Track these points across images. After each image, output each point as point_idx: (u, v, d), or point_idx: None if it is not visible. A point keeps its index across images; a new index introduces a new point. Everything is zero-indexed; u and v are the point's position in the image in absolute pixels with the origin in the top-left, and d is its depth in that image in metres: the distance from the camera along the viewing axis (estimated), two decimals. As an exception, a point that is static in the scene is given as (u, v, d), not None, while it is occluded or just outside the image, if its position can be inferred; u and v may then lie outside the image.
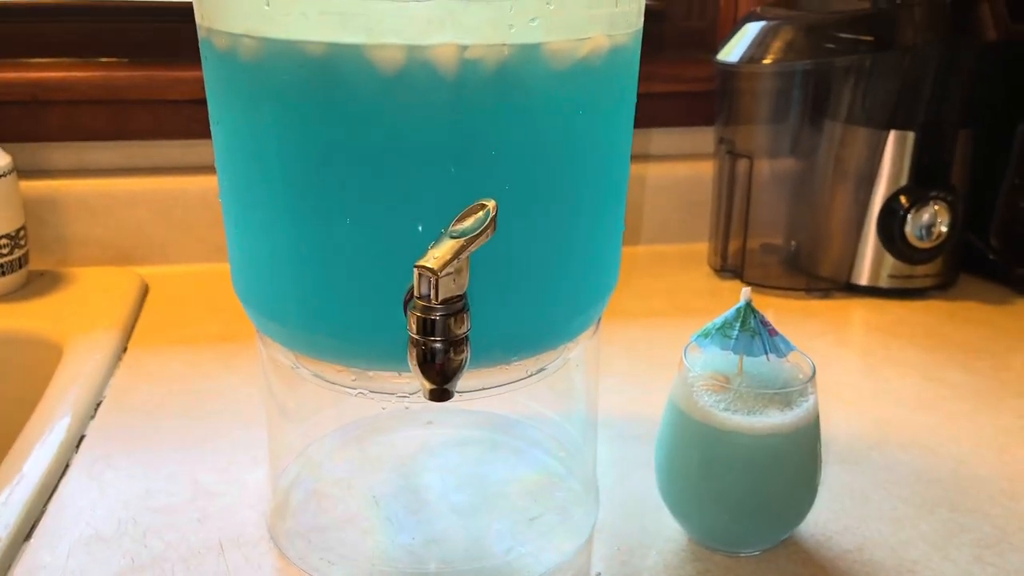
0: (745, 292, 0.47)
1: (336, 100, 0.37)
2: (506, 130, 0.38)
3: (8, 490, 0.51)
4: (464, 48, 0.36)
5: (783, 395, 0.46)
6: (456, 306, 0.34)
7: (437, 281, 0.33)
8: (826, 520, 0.52)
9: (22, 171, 0.83)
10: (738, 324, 0.47)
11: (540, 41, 0.37)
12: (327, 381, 0.44)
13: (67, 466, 0.55)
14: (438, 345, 0.34)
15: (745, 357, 0.47)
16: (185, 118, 0.84)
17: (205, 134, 0.83)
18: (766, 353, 0.46)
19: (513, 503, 0.53)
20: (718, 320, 0.48)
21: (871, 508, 0.53)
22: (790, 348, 0.47)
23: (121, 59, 0.85)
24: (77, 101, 0.81)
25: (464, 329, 0.34)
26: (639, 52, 0.44)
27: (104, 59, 0.85)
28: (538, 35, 0.37)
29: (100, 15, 0.85)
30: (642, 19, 0.42)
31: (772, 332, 0.47)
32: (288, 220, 0.40)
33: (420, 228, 0.38)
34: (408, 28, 0.35)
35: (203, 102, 0.83)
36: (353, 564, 0.47)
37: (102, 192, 0.83)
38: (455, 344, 0.34)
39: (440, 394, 0.35)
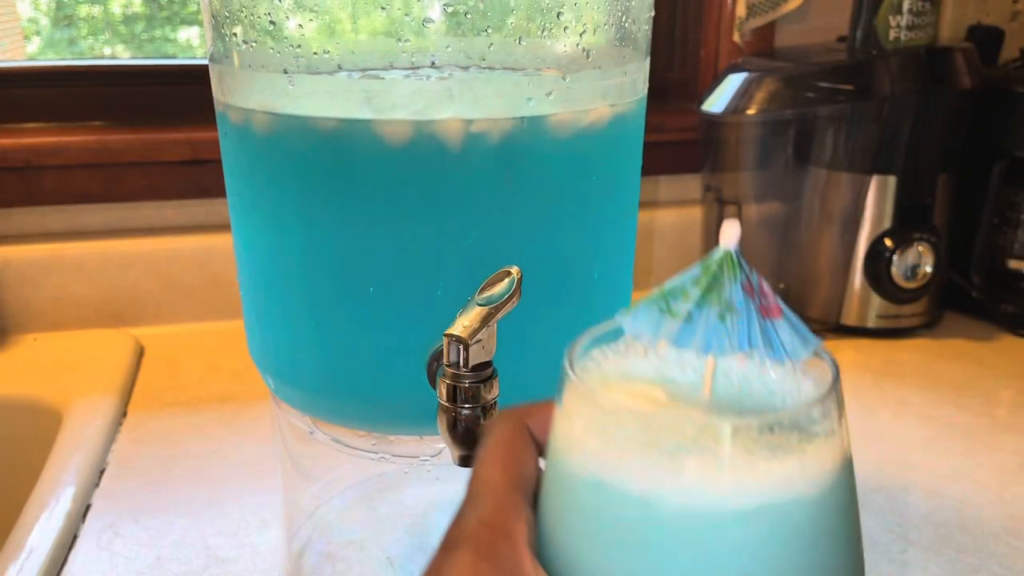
0: (729, 232, 0.26)
1: (347, 172, 0.38)
2: (512, 197, 0.39)
3: (18, 565, 0.50)
4: (470, 122, 0.37)
5: (791, 428, 0.25)
6: (485, 373, 0.35)
7: (467, 349, 0.34)
8: (837, 565, 0.52)
9: (15, 236, 0.83)
10: (704, 291, 0.25)
11: (547, 113, 0.38)
12: (346, 446, 0.44)
13: (75, 537, 0.55)
14: (467, 411, 0.35)
15: (716, 358, 0.26)
16: (178, 178, 0.84)
17: (198, 194, 0.85)
18: (754, 347, 0.25)
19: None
20: (671, 282, 0.26)
21: (880, 552, 0.54)
22: (808, 341, 0.26)
23: (114, 122, 0.86)
24: (71, 165, 0.81)
25: (494, 395, 0.35)
26: (643, 116, 0.45)
27: (97, 122, 0.86)
28: (546, 108, 0.38)
29: (92, 80, 0.86)
30: (647, 86, 0.44)
31: (770, 309, 0.26)
32: (306, 288, 0.41)
33: (439, 292, 0.38)
34: (416, 103, 0.37)
35: (196, 162, 0.84)
36: (373, 628, 0.46)
37: (96, 253, 0.83)
38: (485, 410, 0.35)
39: (469, 460, 0.35)
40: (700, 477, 0.24)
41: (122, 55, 0.98)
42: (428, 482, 0.60)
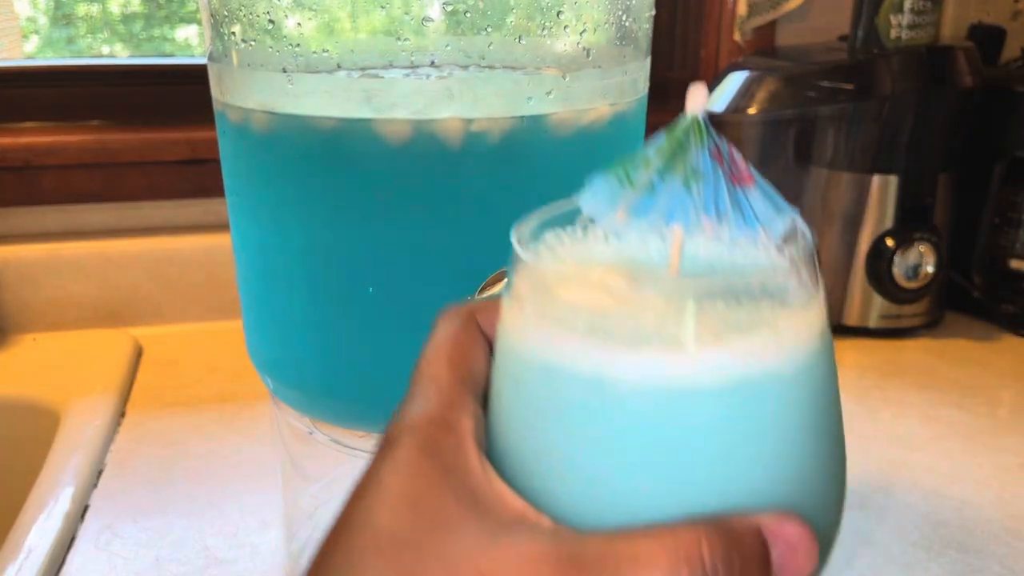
0: (696, 96, 0.24)
1: (347, 172, 0.38)
2: (512, 197, 0.38)
3: (16, 565, 0.50)
4: (469, 121, 0.37)
5: (760, 298, 0.23)
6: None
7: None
8: (839, 568, 0.52)
9: (14, 236, 0.83)
10: (668, 159, 0.24)
11: (547, 113, 0.38)
12: (346, 446, 0.44)
13: (73, 538, 0.54)
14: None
15: (681, 228, 0.24)
16: (177, 178, 0.84)
17: (198, 194, 0.85)
18: (722, 214, 0.23)
19: None
20: (632, 153, 0.24)
21: (881, 552, 0.53)
22: (782, 210, 0.24)
23: (112, 122, 0.86)
24: (69, 165, 0.81)
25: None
26: (644, 115, 0.45)
27: (96, 122, 0.86)
28: (546, 107, 0.38)
29: (91, 79, 0.86)
30: (647, 85, 0.44)
31: (741, 177, 0.24)
32: (305, 288, 0.41)
33: (439, 292, 0.38)
34: (416, 102, 0.36)
35: (195, 162, 0.84)
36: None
37: (95, 253, 0.83)
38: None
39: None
40: (660, 355, 0.22)
41: (120, 54, 0.98)
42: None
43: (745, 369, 0.22)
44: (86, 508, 0.57)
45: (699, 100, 0.24)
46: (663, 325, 0.22)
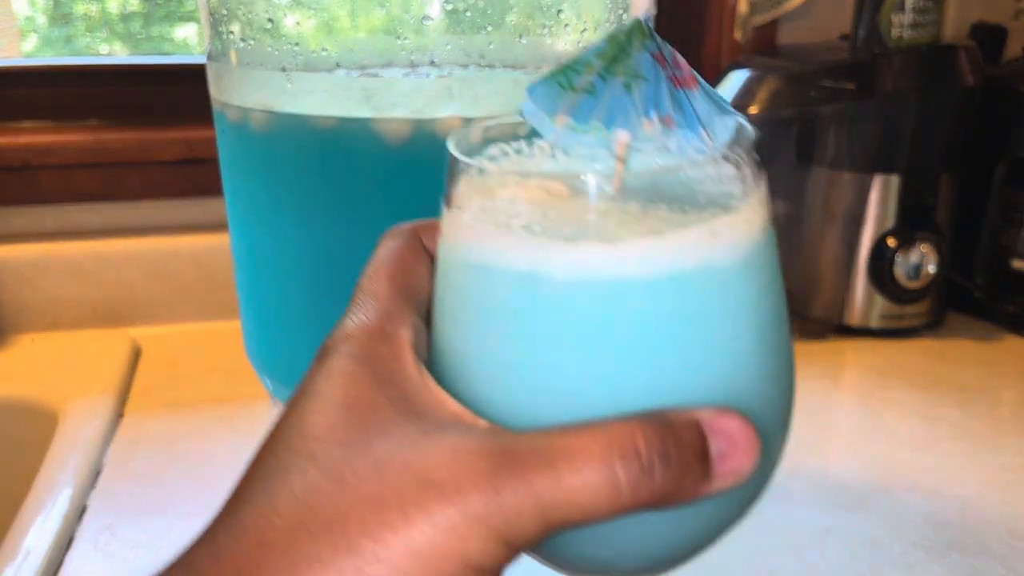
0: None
1: (346, 171, 0.38)
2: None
3: (14, 567, 0.50)
4: (470, 121, 0.36)
5: (706, 203, 0.24)
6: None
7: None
8: (840, 569, 0.52)
9: (12, 235, 0.82)
10: (609, 61, 0.23)
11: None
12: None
13: (72, 539, 0.54)
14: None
15: (625, 131, 0.24)
16: (176, 178, 0.84)
17: (196, 193, 0.84)
18: (662, 114, 0.23)
19: (527, 559, 0.52)
20: (574, 57, 0.24)
21: (882, 553, 0.53)
22: (726, 112, 0.24)
23: (111, 121, 0.85)
24: (68, 165, 0.81)
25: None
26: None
27: (94, 121, 0.85)
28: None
29: (89, 79, 0.85)
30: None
31: (684, 80, 0.24)
32: (304, 288, 0.40)
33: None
34: (416, 101, 0.36)
35: (193, 161, 0.84)
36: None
37: (93, 253, 0.83)
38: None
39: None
40: (593, 249, 0.22)
41: (119, 53, 0.97)
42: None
43: (679, 263, 0.22)
44: (84, 509, 0.57)
45: (643, 3, 0.24)
46: (599, 221, 0.23)
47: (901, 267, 0.79)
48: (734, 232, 0.23)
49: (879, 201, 0.79)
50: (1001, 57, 0.88)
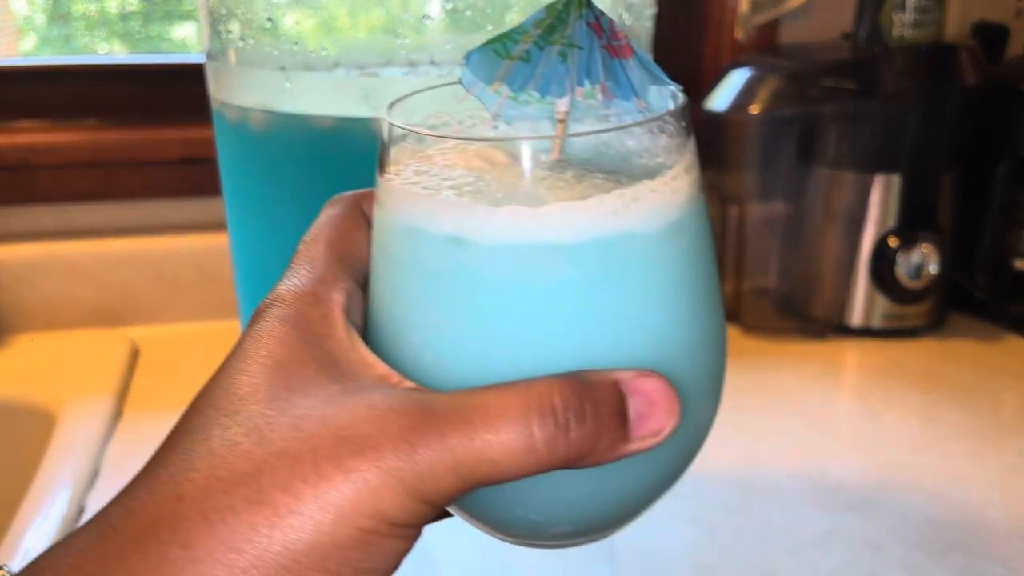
0: None
1: (345, 170, 0.38)
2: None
3: (13, 568, 0.50)
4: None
5: (637, 169, 0.24)
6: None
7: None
8: (840, 569, 0.52)
9: (10, 235, 0.82)
10: (546, 30, 0.24)
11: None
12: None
13: (70, 541, 0.54)
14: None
15: (566, 103, 0.24)
16: (174, 177, 0.83)
17: (195, 193, 0.84)
18: (594, 82, 0.24)
19: (527, 564, 0.52)
20: (514, 26, 0.24)
21: (885, 554, 0.53)
22: (660, 81, 0.25)
23: (109, 121, 0.85)
24: (66, 164, 0.81)
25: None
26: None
27: (92, 121, 0.85)
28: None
29: (88, 78, 0.85)
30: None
31: (620, 49, 0.24)
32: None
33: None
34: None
35: (192, 161, 0.83)
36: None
37: (91, 253, 0.82)
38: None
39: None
40: (517, 212, 0.22)
41: (118, 52, 0.97)
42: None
43: (600, 227, 0.23)
44: (83, 509, 0.57)
45: None
46: (530, 188, 0.23)
47: (902, 267, 0.79)
48: (657, 198, 0.23)
49: (880, 201, 0.79)
50: (1002, 56, 0.88)
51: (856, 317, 0.82)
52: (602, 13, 0.24)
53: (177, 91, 0.85)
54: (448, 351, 0.24)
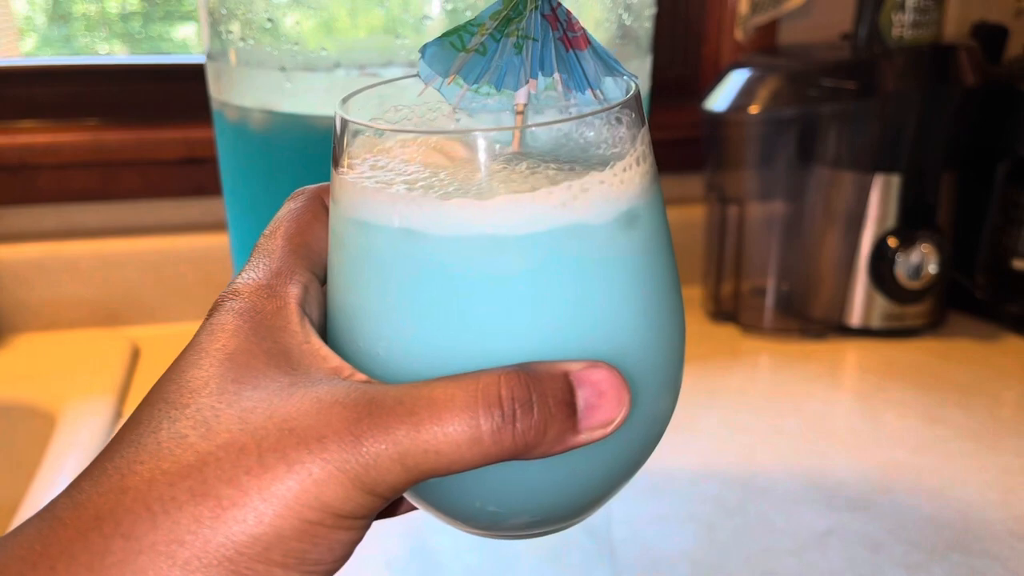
0: None
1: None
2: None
3: (11, 569, 0.50)
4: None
5: (592, 163, 0.24)
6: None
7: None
8: (841, 569, 0.52)
9: (10, 235, 0.82)
10: (502, 22, 0.24)
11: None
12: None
13: (70, 541, 0.54)
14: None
15: (524, 95, 0.24)
16: (174, 177, 0.83)
17: (195, 193, 0.84)
18: (547, 74, 0.24)
19: (527, 564, 0.52)
20: (472, 18, 0.24)
21: (884, 554, 0.53)
22: (616, 72, 0.25)
23: (109, 120, 0.85)
24: (66, 164, 0.81)
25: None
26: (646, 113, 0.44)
27: (93, 121, 0.85)
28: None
29: (88, 78, 0.85)
30: (649, 83, 0.43)
31: (576, 41, 0.24)
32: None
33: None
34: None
35: (192, 161, 0.83)
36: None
37: (91, 253, 0.82)
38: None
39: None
40: (465, 205, 0.23)
41: (118, 53, 0.97)
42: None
43: (547, 219, 0.23)
44: (83, 510, 0.57)
45: None
46: (483, 180, 0.23)
47: (902, 267, 0.79)
48: (606, 189, 0.23)
49: (880, 201, 0.79)
50: (1002, 56, 0.88)
51: (856, 317, 0.82)
52: (559, 4, 0.24)
53: (177, 91, 0.85)
54: (401, 343, 0.24)
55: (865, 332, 0.82)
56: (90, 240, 0.83)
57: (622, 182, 0.24)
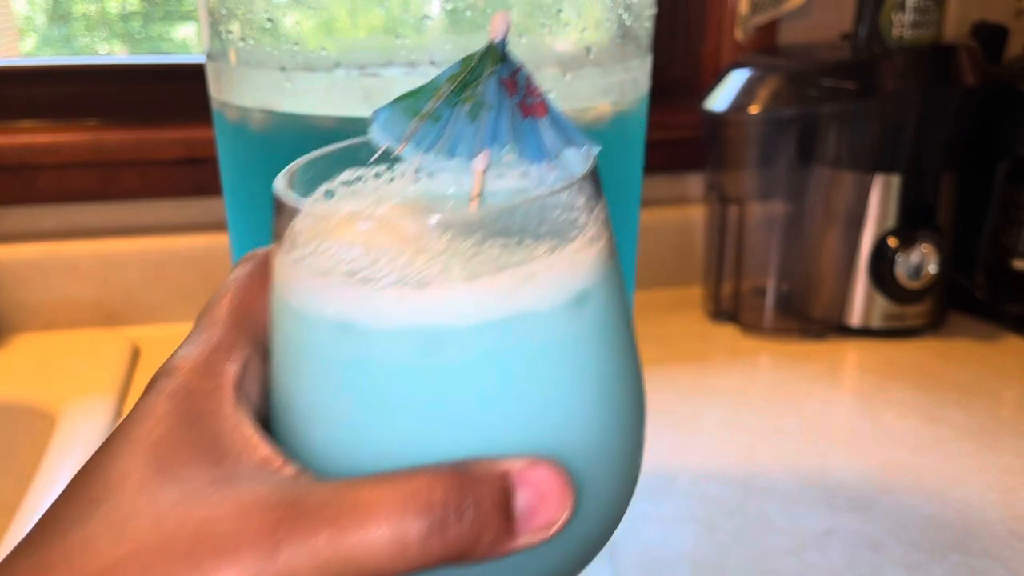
0: (498, 22, 0.23)
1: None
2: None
3: (11, 569, 0.50)
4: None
5: (543, 241, 0.23)
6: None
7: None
8: (840, 570, 0.52)
9: (10, 235, 0.82)
10: (458, 87, 0.23)
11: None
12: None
13: (70, 541, 0.54)
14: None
15: (482, 164, 0.23)
16: (174, 177, 0.83)
17: (195, 193, 0.84)
18: (500, 144, 0.23)
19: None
20: (427, 81, 0.24)
21: (884, 554, 0.53)
22: (575, 141, 0.24)
23: (109, 120, 0.85)
24: (66, 164, 0.81)
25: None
26: (645, 114, 0.44)
27: (92, 121, 0.85)
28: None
29: (88, 78, 0.85)
30: (649, 83, 0.43)
31: (533, 107, 0.23)
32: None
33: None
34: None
35: (192, 161, 0.83)
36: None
37: (91, 253, 0.82)
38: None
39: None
40: (404, 295, 0.21)
41: (118, 53, 0.97)
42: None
43: (491, 309, 0.21)
44: (83, 510, 0.57)
45: (500, 27, 0.23)
46: (426, 264, 0.21)
47: (902, 267, 0.79)
48: (555, 275, 0.22)
49: (880, 201, 0.79)
50: (1002, 56, 0.88)
51: (856, 317, 0.82)
52: (519, 67, 0.23)
53: (177, 91, 0.85)
54: (337, 434, 0.23)
55: (865, 332, 0.82)
56: (90, 240, 0.83)
57: (572, 264, 0.22)
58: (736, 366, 0.78)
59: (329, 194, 0.26)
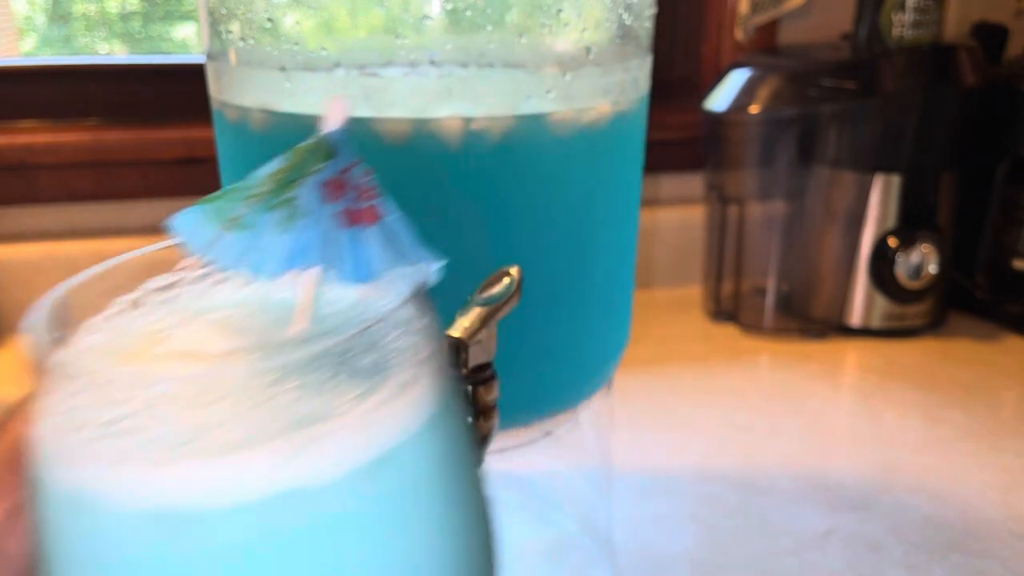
0: (334, 111, 0.20)
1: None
2: (511, 196, 0.38)
3: (11, 569, 0.50)
4: (469, 120, 0.36)
5: (348, 385, 0.18)
6: (485, 374, 0.34)
7: (467, 350, 0.33)
8: (841, 569, 0.52)
9: (10, 235, 0.82)
10: (277, 188, 0.19)
11: (547, 111, 0.37)
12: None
13: (70, 540, 0.54)
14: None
15: (270, 280, 0.20)
16: (174, 177, 0.83)
17: (195, 193, 0.84)
18: (308, 264, 0.19)
19: (529, 565, 0.52)
20: (247, 178, 0.20)
21: (884, 555, 0.53)
22: (409, 257, 0.21)
23: (109, 120, 0.85)
24: (66, 164, 0.81)
25: (493, 396, 0.34)
26: (645, 114, 0.44)
27: (92, 120, 0.85)
28: (546, 106, 0.37)
29: (88, 78, 0.85)
30: (649, 83, 0.43)
31: (360, 214, 0.20)
32: (303, 289, 0.40)
33: (437, 292, 0.38)
34: (415, 101, 0.36)
35: (192, 161, 0.83)
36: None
37: (91, 253, 0.82)
38: (484, 412, 0.34)
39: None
40: (142, 472, 0.17)
41: (118, 53, 0.97)
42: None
43: (259, 485, 0.17)
44: (83, 510, 0.57)
45: (337, 116, 0.20)
46: (186, 422, 0.17)
47: (902, 267, 0.79)
48: (347, 436, 0.18)
49: (880, 201, 0.79)
50: (1002, 56, 0.88)
51: (856, 317, 0.82)
52: (352, 164, 0.19)
53: (177, 91, 0.85)
54: None
55: (865, 332, 0.82)
56: (90, 240, 0.83)
57: (366, 425, 0.18)
58: (736, 366, 0.78)
59: (135, 305, 0.22)
